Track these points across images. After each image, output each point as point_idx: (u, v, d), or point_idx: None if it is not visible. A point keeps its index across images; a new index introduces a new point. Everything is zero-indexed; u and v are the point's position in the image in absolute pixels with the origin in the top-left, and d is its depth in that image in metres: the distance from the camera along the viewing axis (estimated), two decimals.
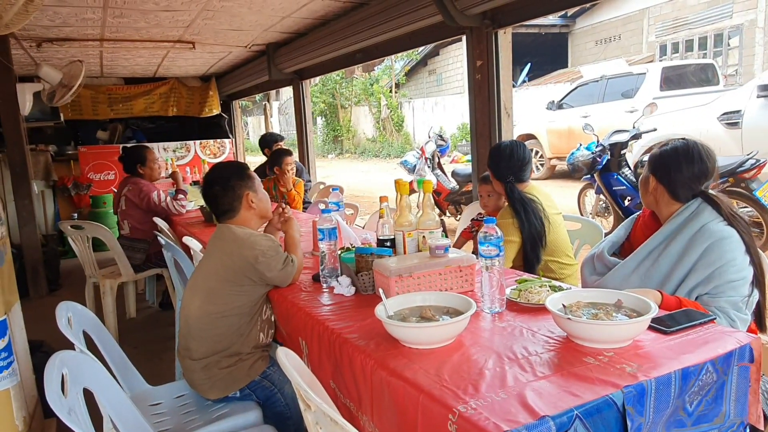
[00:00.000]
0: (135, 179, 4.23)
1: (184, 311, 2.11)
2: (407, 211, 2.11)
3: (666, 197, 1.90)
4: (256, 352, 2.10)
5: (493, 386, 1.23)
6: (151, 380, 2.25)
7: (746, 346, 1.37)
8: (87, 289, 4.14)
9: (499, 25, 3.46)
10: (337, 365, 1.64)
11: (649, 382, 1.21)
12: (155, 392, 2.17)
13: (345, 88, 21.39)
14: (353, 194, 10.69)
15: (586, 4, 3.56)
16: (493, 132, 3.65)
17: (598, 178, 5.67)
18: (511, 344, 1.47)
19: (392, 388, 1.34)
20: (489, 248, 1.66)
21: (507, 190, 2.57)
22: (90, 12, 4.13)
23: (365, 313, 1.75)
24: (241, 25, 4.84)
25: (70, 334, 1.82)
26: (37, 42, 4.98)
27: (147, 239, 4.12)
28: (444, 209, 7.15)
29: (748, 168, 4.75)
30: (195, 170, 6.83)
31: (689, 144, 1.87)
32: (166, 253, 2.89)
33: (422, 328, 1.47)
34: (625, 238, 2.12)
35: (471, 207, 3.68)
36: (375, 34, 4.16)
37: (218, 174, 2.24)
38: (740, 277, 1.74)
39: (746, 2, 10.90)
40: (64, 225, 3.97)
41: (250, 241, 2.06)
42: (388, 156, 18.54)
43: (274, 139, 5.49)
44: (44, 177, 6.60)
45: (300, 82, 6.34)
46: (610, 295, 1.56)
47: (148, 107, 7.82)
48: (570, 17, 14.71)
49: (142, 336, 4.09)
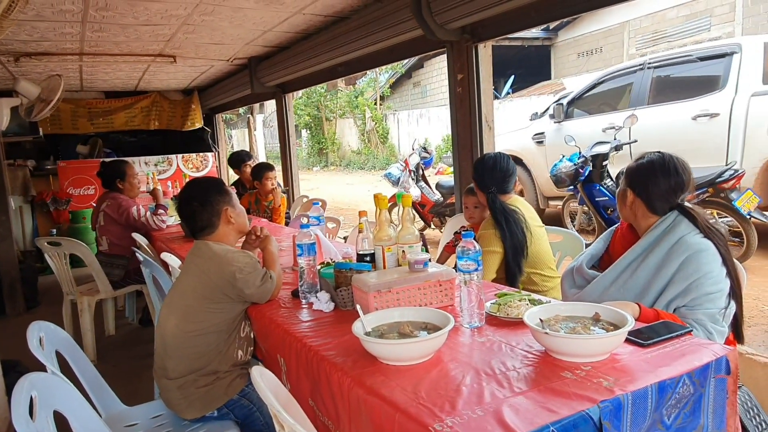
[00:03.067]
0: (114, 194, 4.18)
1: (160, 329, 2.08)
2: (386, 225, 2.10)
3: (643, 210, 1.91)
4: (235, 370, 2.06)
5: (470, 403, 1.22)
6: (129, 399, 2.20)
7: (722, 358, 1.37)
8: (64, 306, 4.07)
9: (479, 39, 3.49)
10: (315, 383, 1.61)
11: (625, 396, 1.21)
12: (131, 413, 2.13)
13: (330, 100, 21.45)
14: (338, 207, 10.67)
15: (564, 18, 3.61)
16: (475, 144, 3.66)
17: (581, 189, 5.72)
18: (490, 359, 1.45)
19: (369, 406, 1.33)
20: (467, 263, 1.66)
21: (489, 200, 2.59)
22: (68, 26, 4.09)
23: (344, 330, 1.73)
24: (223, 38, 4.83)
25: (42, 355, 1.77)
26: (15, 56, 4.92)
27: (126, 255, 4.06)
28: (429, 221, 7.16)
29: (727, 178, 4.81)
30: (177, 184, 6.78)
31: (665, 157, 1.89)
32: (145, 269, 2.85)
33: (399, 345, 1.46)
34: (604, 251, 2.13)
35: (454, 220, 3.69)
36: (357, 47, 4.17)
37: (196, 190, 2.22)
38: (717, 290, 1.75)
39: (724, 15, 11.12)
40: (41, 241, 3.91)
41: (227, 258, 2.03)
42: (373, 168, 18.57)
43: (241, 159, 5.49)
44: (22, 192, 6.51)
45: (283, 95, 6.33)
46: (588, 308, 1.56)
47: (129, 121, 7.75)
48: (552, 30, 14.91)
49: (121, 354, 4.02)
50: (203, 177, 2.58)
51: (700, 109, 5.50)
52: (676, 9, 11.82)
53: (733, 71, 5.41)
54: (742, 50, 5.44)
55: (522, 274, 2.52)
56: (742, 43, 5.57)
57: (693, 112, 5.54)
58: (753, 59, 5.38)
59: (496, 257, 2.50)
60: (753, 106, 5.17)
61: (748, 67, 5.36)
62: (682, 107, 5.68)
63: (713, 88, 5.53)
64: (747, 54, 5.41)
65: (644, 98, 6.15)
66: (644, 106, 6.06)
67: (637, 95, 6.25)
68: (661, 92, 6.07)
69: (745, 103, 5.21)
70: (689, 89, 5.77)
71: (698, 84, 5.74)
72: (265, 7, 3.88)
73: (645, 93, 6.16)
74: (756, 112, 5.13)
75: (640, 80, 6.26)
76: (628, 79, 6.47)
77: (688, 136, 5.52)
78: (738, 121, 5.23)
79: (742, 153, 5.22)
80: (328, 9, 4.05)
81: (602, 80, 6.78)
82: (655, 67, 6.18)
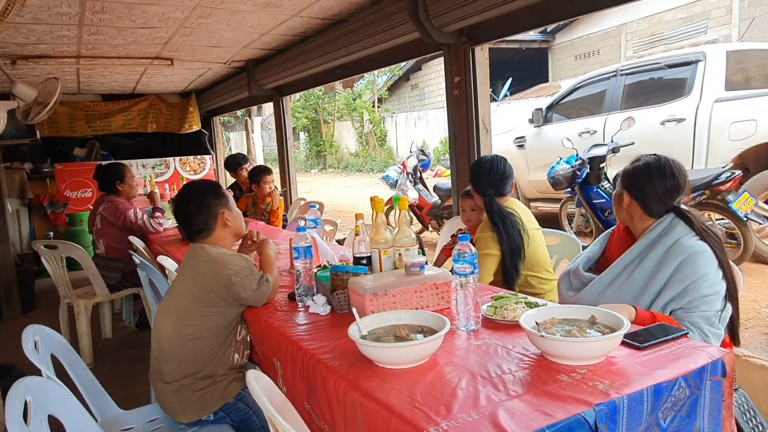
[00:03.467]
0: (111, 197, 4.18)
1: (156, 333, 2.07)
2: (383, 228, 2.10)
3: (639, 213, 1.92)
4: (231, 374, 2.06)
5: (466, 406, 1.22)
6: (126, 403, 2.20)
7: (718, 360, 1.37)
8: (61, 309, 4.06)
9: (476, 41, 3.50)
10: (311, 386, 1.61)
11: (621, 399, 1.21)
12: (127, 417, 2.12)
13: (328, 103, 21.47)
14: (336, 209, 10.67)
15: (561, 21, 3.62)
16: (472, 147, 3.67)
17: (578, 191, 5.72)
18: (486, 362, 1.45)
19: (365, 409, 1.32)
20: (463, 266, 1.66)
21: (486, 203, 2.60)
22: (65, 29, 4.09)
23: (340, 333, 1.73)
24: (220, 41, 4.83)
25: (37, 359, 1.77)
26: (12, 59, 4.92)
27: (123, 258, 4.05)
28: (426, 224, 7.16)
29: (724, 180, 4.82)
30: (174, 187, 6.76)
31: (661, 160, 1.89)
32: (141, 272, 2.85)
33: (395, 348, 1.46)
34: (600, 253, 2.13)
35: (451, 222, 3.69)
36: (354, 50, 4.17)
37: (192, 193, 2.21)
38: (713, 292, 1.75)
39: (720, 18, 11.16)
40: (38, 244, 3.90)
41: (223, 261, 2.03)
42: (371, 171, 18.58)
43: (237, 162, 5.49)
44: (19, 195, 6.50)
45: (280, 98, 6.33)
46: (584, 311, 1.56)
47: (126, 124, 7.74)
48: (550, 33, 14.94)
49: (117, 357, 4.01)
50: (200, 180, 2.58)
51: (668, 114, 5.72)
52: (673, 12, 11.86)
53: (698, 78, 5.64)
54: (707, 58, 5.68)
55: (519, 277, 2.52)
56: (707, 51, 5.80)
57: (661, 117, 5.76)
58: (716, 67, 5.62)
59: (494, 260, 2.51)
60: (716, 112, 5.40)
61: (711, 74, 5.60)
62: (651, 112, 5.89)
63: (680, 94, 5.76)
64: (711, 62, 5.65)
65: (617, 104, 6.38)
66: (617, 111, 6.28)
67: (611, 101, 6.48)
68: (633, 98, 6.28)
69: (709, 109, 5.44)
70: (658, 95, 6.01)
71: (666, 90, 5.96)
72: (262, 9, 3.88)
73: (618, 98, 6.39)
74: (718, 118, 5.37)
75: (613, 86, 6.51)
76: (603, 85, 6.67)
77: (657, 140, 5.70)
78: (702, 126, 5.46)
79: (707, 157, 5.42)
80: (326, 12, 4.05)
81: (579, 86, 6.99)
82: (627, 74, 6.41)
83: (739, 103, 5.34)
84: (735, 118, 5.27)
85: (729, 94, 5.46)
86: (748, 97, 5.36)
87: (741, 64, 5.83)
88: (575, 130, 6.62)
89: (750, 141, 5.14)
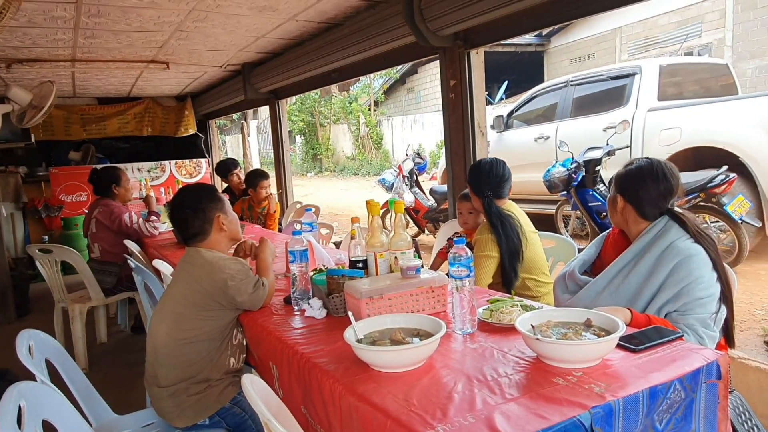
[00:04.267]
0: (106, 201, 4.16)
1: (151, 337, 2.06)
2: (379, 231, 2.09)
3: (634, 216, 1.92)
4: (227, 378, 2.05)
5: (462, 410, 1.21)
6: (120, 408, 2.19)
7: (713, 363, 1.38)
8: (56, 314, 4.04)
9: (471, 45, 3.50)
10: (307, 390, 1.60)
11: (616, 402, 1.21)
12: (122, 421, 2.11)
13: (324, 106, 21.47)
14: (332, 213, 10.67)
15: (556, 25, 3.63)
16: (468, 150, 3.67)
17: (574, 194, 5.74)
18: (482, 366, 1.45)
19: (361, 413, 1.32)
20: (459, 269, 1.66)
21: (485, 205, 2.60)
22: (61, 33, 4.08)
23: (336, 337, 1.72)
24: (216, 45, 4.83)
25: (31, 363, 1.76)
26: (7, 63, 4.90)
27: (118, 262, 4.04)
28: (423, 227, 7.16)
29: (719, 183, 4.84)
30: (170, 191, 6.75)
31: (653, 163, 1.90)
32: (137, 276, 2.84)
33: (391, 352, 1.45)
34: (596, 256, 2.14)
35: (447, 226, 3.69)
36: (349, 54, 4.18)
37: (188, 197, 2.21)
38: (708, 294, 1.75)
39: (714, 22, 11.21)
40: (32, 249, 3.88)
41: (219, 265, 2.03)
42: (367, 174, 18.58)
43: (227, 168, 5.49)
44: (14, 199, 6.47)
45: (276, 101, 6.33)
46: (580, 314, 1.56)
47: (122, 127, 7.73)
48: (545, 36, 14.97)
49: (112, 361, 3.99)
50: (196, 183, 2.58)
51: (609, 122, 6.19)
52: (668, 15, 11.91)
53: (634, 90, 6.22)
54: (642, 71, 6.24)
55: (518, 279, 2.52)
56: (642, 65, 6.37)
57: (603, 124, 6.26)
58: (650, 79, 6.19)
59: (493, 262, 2.50)
60: (648, 120, 5.95)
61: (646, 86, 6.16)
62: (595, 120, 6.46)
63: (619, 103, 6.31)
64: (645, 75, 6.21)
65: (568, 111, 6.93)
66: (567, 119, 6.86)
67: (562, 109, 7.01)
68: (581, 106, 6.82)
69: (643, 117, 5.99)
70: (602, 104, 6.56)
71: (608, 100, 6.50)
72: (258, 13, 3.88)
73: (568, 107, 6.94)
74: (651, 125, 5.91)
75: (564, 96, 7.04)
76: (556, 94, 7.19)
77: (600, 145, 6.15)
78: (638, 132, 6.00)
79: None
80: (321, 15, 4.06)
81: (535, 95, 7.48)
82: (576, 84, 6.97)
83: (668, 112, 5.84)
84: (664, 125, 5.77)
85: (660, 104, 5.99)
86: (675, 107, 5.88)
87: (673, 76, 6.42)
88: (532, 135, 7.12)
89: (676, 146, 5.59)
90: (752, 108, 5.33)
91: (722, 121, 5.29)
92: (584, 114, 6.68)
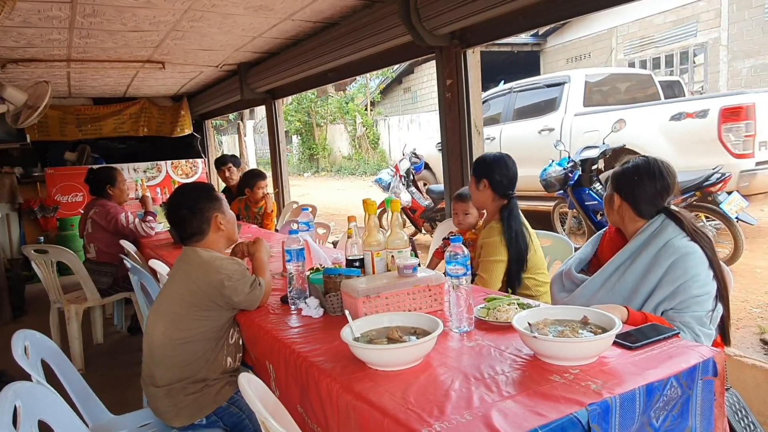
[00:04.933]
0: (102, 201, 4.14)
1: (147, 337, 2.06)
2: (375, 230, 2.09)
3: (630, 214, 1.93)
4: (224, 378, 2.05)
5: (459, 408, 1.22)
6: (117, 408, 2.18)
7: (710, 360, 1.38)
8: (51, 314, 4.03)
9: (467, 44, 3.50)
10: (304, 389, 1.60)
11: (613, 399, 1.21)
12: (118, 422, 2.10)
13: (320, 106, 21.45)
14: (329, 212, 10.66)
15: (552, 24, 3.63)
16: (464, 149, 3.67)
17: (570, 193, 5.75)
18: (479, 364, 1.45)
19: (358, 412, 1.32)
20: (456, 267, 1.66)
21: (509, 205, 2.51)
22: (56, 33, 4.07)
23: (332, 335, 1.72)
24: (212, 45, 4.82)
25: (27, 364, 1.75)
26: (2, 63, 4.88)
27: (114, 263, 4.02)
28: (420, 226, 7.16)
29: (714, 182, 4.86)
30: (166, 191, 6.73)
31: (649, 161, 1.90)
32: (133, 276, 2.83)
33: (388, 350, 1.45)
34: (592, 255, 2.14)
35: (443, 225, 3.68)
36: (346, 53, 4.17)
37: (185, 196, 2.20)
38: (704, 292, 1.76)
39: (710, 21, 11.24)
40: (28, 249, 3.87)
41: (216, 265, 2.02)
42: (364, 174, 18.58)
43: (223, 161, 5.46)
44: (9, 200, 6.45)
45: (272, 101, 6.32)
46: (577, 312, 1.56)
47: (117, 127, 7.71)
48: (541, 36, 14.99)
49: (109, 362, 3.98)
50: (193, 183, 2.58)
51: (543, 125, 7.06)
52: (664, 15, 11.95)
53: (564, 96, 7.02)
54: (571, 80, 7.07)
55: (520, 285, 2.50)
56: (571, 75, 7.23)
57: (538, 127, 7.10)
58: (577, 87, 7.01)
59: (502, 266, 2.46)
60: (575, 124, 6.74)
61: (574, 93, 6.98)
62: (532, 123, 7.24)
63: (552, 109, 7.12)
64: (573, 83, 7.03)
65: (510, 115, 7.68)
66: (510, 122, 7.64)
67: (506, 113, 7.74)
68: (521, 111, 7.60)
69: (570, 121, 6.80)
70: (538, 109, 7.35)
71: (544, 106, 7.28)
72: (254, 13, 3.87)
73: (511, 111, 7.69)
74: (576, 128, 6.70)
75: (508, 101, 7.78)
76: (502, 99, 7.89)
77: (535, 146, 6.98)
78: (566, 134, 6.75)
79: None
80: (318, 15, 4.05)
81: (486, 100, 7.96)
82: (518, 91, 7.72)
83: (590, 117, 6.64)
84: (586, 128, 6.54)
85: (584, 109, 6.81)
86: (594, 112, 6.67)
87: (598, 85, 7.25)
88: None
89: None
90: (654, 114, 6.02)
91: (631, 125, 5.82)
92: (523, 118, 7.44)
